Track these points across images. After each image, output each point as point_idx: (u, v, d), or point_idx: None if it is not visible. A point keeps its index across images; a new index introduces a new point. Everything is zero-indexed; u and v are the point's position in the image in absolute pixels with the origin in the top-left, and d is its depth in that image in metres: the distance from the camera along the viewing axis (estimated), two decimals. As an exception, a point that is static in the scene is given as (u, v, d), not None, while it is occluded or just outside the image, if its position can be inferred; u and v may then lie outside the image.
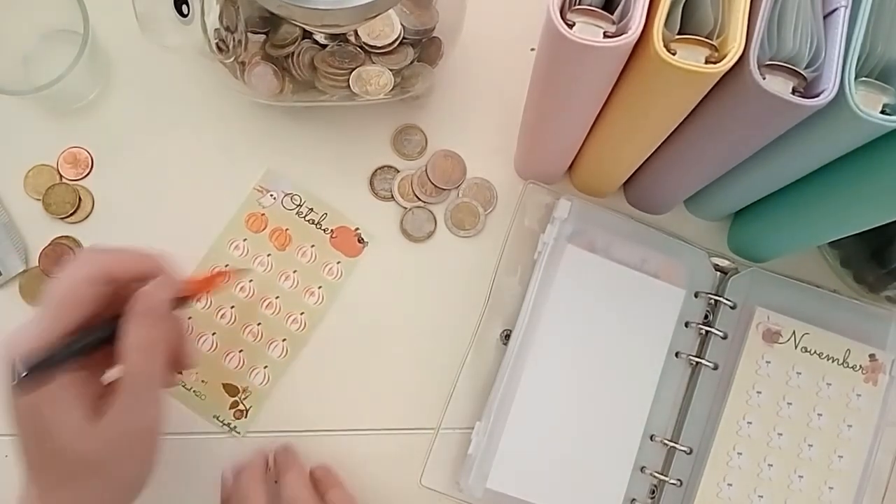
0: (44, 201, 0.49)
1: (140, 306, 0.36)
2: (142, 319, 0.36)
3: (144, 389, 0.36)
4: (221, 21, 0.43)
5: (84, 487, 0.35)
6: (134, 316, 0.35)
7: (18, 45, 0.49)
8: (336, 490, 0.44)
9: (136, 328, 0.35)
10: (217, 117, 0.51)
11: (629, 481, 0.47)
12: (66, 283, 0.35)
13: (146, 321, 0.36)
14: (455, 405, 0.48)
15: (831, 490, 0.47)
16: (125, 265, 0.37)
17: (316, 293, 0.49)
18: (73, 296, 0.35)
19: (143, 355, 0.35)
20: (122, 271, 0.37)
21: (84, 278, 0.35)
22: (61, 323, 0.34)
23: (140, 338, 0.35)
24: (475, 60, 0.52)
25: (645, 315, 0.48)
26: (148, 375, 0.36)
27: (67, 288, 0.35)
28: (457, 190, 0.51)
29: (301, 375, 0.49)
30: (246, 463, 0.44)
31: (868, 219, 0.40)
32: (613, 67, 0.35)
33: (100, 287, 0.35)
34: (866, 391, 0.48)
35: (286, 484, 0.43)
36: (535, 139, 0.45)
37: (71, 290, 0.35)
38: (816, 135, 0.36)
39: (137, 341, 0.35)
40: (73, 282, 0.35)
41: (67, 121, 0.50)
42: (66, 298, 0.35)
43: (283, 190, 0.50)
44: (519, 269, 0.50)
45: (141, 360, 0.35)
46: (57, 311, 0.35)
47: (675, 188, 0.48)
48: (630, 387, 0.48)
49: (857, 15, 0.33)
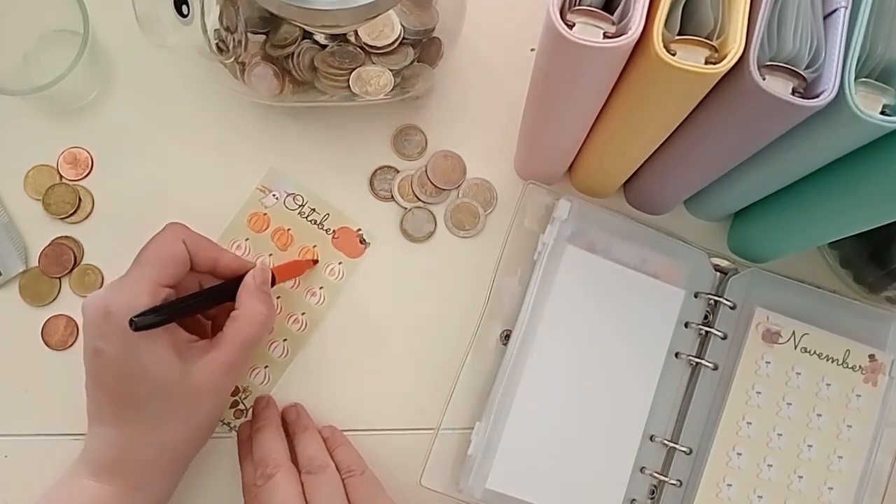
0: (44, 201, 0.49)
1: (259, 281, 0.43)
2: (261, 295, 0.43)
3: (246, 352, 0.42)
4: (221, 21, 0.43)
5: (167, 419, 0.40)
6: (254, 290, 0.42)
7: (18, 45, 0.49)
8: (343, 448, 0.46)
9: (256, 301, 0.42)
10: (217, 117, 0.51)
11: (629, 482, 0.47)
12: (165, 241, 0.41)
13: (265, 297, 0.43)
14: (455, 405, 0.48)
15: (831, 490, 0.47)
16: (209, 245, 0.44)
17: (317, 293, 0.49)
18: (172, 252, 0.41)
19: (256, 327, 0.42)
20: (205, 248, 0.43)
21: (180, 239, 0.42)
22: (163, 274, 0.40)
23: (255, 311, 0.42)
24: (475, 60, 0.52)
25: (645, 315, 0.48)
26: (252, 343, 0.42)
27: (167, 244, 0.41)
28: (457, 190, 0.51)
29: (301, 375, 0.49)
30: (263, 421, 0.46)
31: (868, 219, 0.40)
32: (613, 68, 0.35)
33: (188, 251, 0.42)
34: (866, 392, 0.48)
35: (303, 443, 0.45)
36: (535, 139, 0.45)
37: (171, 246, 0.41)
38: (816, 135, 0.36)
39: (253, 313, 0.42)
40: (173, 240, 0.41)
41: (67, 121, 0.50)
42: (167, 253, 0.41)
43: (286, 190, 0.50)
44: (519, 269, 0.50)
45: (252, 330, 0.42)
46: (156, 264, 0.40)
47: (675, 189, 0.48)
48: (630, 387, 0.48)
49: (857, 15, 0.33)
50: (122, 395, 0.40)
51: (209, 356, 0.40)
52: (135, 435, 0.40)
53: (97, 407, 0.41)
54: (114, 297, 0.39)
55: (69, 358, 0.47)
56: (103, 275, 0.48)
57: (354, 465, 0.44)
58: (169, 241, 0.41)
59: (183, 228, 0.43)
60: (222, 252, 0.44)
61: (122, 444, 0.40)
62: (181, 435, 0.41)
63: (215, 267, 0.43)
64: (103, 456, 0.40)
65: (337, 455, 0.45)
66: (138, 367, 0.39)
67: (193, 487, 0.47)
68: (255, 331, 0.42)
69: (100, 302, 0.39)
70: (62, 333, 0.48)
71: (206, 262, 0.43)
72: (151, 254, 0.41)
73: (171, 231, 0.42)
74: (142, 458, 0.40)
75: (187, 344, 0.41)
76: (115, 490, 0.40)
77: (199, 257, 0.42)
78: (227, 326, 0.42)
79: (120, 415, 0.40)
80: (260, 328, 0.42)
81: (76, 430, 0.47)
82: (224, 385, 0.42)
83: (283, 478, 0.42)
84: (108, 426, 0.40)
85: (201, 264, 0.43)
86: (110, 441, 0.40)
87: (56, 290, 0.48)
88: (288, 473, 0.42)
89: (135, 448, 0.40)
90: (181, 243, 0.41)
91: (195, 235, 0.43)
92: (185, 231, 0.42)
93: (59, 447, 0.46)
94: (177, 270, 0.41)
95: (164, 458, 0.41)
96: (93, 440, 0.41)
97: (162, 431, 0.40)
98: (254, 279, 0.43)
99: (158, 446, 0.41)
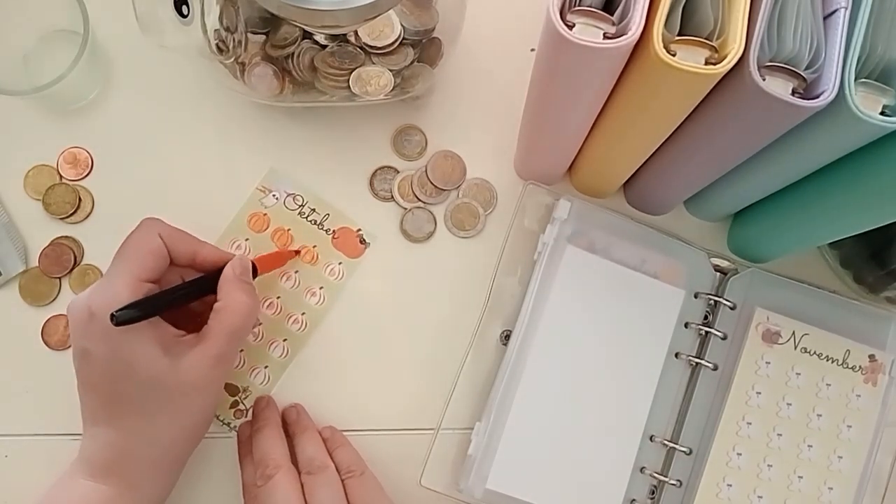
0: (44, 201, 0.49)
1: (239, 272, 0.42)
2: (242, 285, 0.42)
3: (233, 344, 0.42)
4: (221, 21, 0.43)
5: (158, 416, 0.40)
6: (234, 280, 0.42)
7: (18, 45, 0.49)
8: (343, 448, 0.46)
9: (237, 292, 0.42)
10: (217, 118, 0.51)
11: (629, 482, 0.47)
12: (141, 236, 0.41)
13: (246, 287, 0.42)
14: (455, 405, 0.48)
15: (831, 490, 0.47)
16: (186, 238, 0.43)
17: (317, 293, 0.49)
18: (148, 246, 0.41)
19: (240, 317, 0.41)
20: (182, 241, 0.43)
21: (156, 233, 0.41)
22: (142, 269, 0.40)
23: (238, 301, 0.41)
24: (475, 60, 0.52)
25: (645, 316, 0.48)
26: (239, 333, 0.42)
27: (143, 239, 0.41)
28: (457, 190, 0.51)
29: (301, 375, 0.49)
30: (263, 421, 0.46)
31: (868, 220, 0.40)
32: (613, 68, 0.35)
33: (165, 245, 0.41)
34: (866, 392, 0.48)
35: (302, 443, 0.45)
36: (535, 139, 0.45)
37: (146, 241, 0.41)
38: (816, 136, 0.36)
39: (236, 303, 0.41)
40: (148, 234, 0.41)
41: (67, 121, 0.50)
42: (143, 248, 0.41)
43: (286, 190, 0.50)
44: (519, 269, 0.50)
45: (236, 319, 0.41)
46: (134, 260, 0.40)
47: (675, 189, 0.48)
48: (630, 387, 0.48)
49: (857, 16, 0.33)
50: (112, 395, 0.40)
51: (196, 350, 0.40)
52: (128, 433, 0.40)
53: (89, 408, 0.41)
54: (95, 297, 0.39)
55: (69, 358, 0.47)
56: (103, 275, 0.48)
57: (354, 466, 0.44)
58: (144, 235, 0.41)
59: (158, 223, 0.42)
60: (201, 244, 0.44)
61: (116, 444, 0.40)
62: (174, 431, 0.41)
63: (195, 260, 0.43)
64: (98, 456, 0.40)
65: (337, 456, 0.45)
66: (125, 365, 0.39)
67: (193, 487, 0.47)
68: (239, 321, 0.41)
69: (83, 303, 0.39)
70: (62, 333, 0.48)
71: (184, 255, 0.43)
72: (128, 250, 0.41)
73: (146, 226, 0.42)
74: (136, 457, 0.40)
75: (174, 339, 0.41)
76: (112, 490, 0.40)
77: (178, 251, 0.42)
78: (212, 319, 0.41)
79: (112, 414, 0.40)
80: (244, 318, 0.42)
81: (76, 430, 0.46)
82: (213, 378, 0.42)
83: (283, 478, 0.42)
84: (101, 426, 0.40)
85: (180, 258, 0.43)
86: (104, 441, 0.40)
87: (56, 290, 0.48)
88: (287, 474, 0.42)
89: (128, 447, 0.40)
90: (157, 237, 0.41)
91: (171, 229, 0.42)
92: (160, 225, 0.42)
93: (59, 447, 0.46)
94: (155, 264, 0.41)
95: (159, 455, 0.41)
96: (88, 441, 0.41)
97: (154, 429, 0.40)
98: (233, 270, 0.42)
99: (152, 444, 0.41)
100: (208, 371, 0.41)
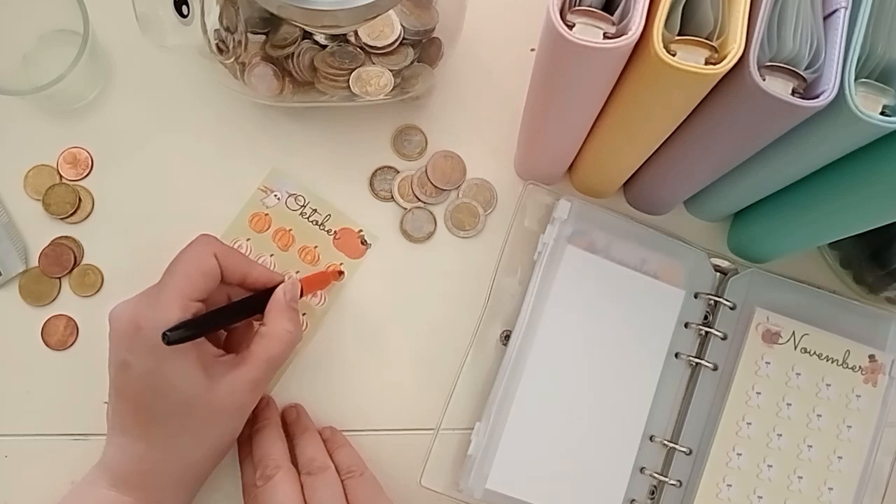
0: (44, 201, 0.49)
1: (289, 297, 0.43)
2: (290, 312, 0.42)
3: (271, 371, 0.42)
4: (221, 21, 0.43)
5: (188, 436, 0.40)
6: (284, 308, 0.42)
7: (18, 45, 0.49)
8: (343, 449, 0.46)
9: (284, 319, 0.42)
10: (217, 118, 0.51)
11: (629, 482, 0.47)
12: (197, 255, 0.41)
13: (293, 315, 0.43)
14: (455, 405, 0.48)
15: (831, 491, 0.47)
16: (240, 258, 0.43)
17: (317, 294, 0.49)
18: (203, 266, 0.40)
19: (284, 345, 0.41)
20: (235, 261, 0.42)
21: (212, 253, 0.41)
22: (195, 289, 0.40)
23: (284, 329, 0.42)
24: (475, 60, 0.52)
25: (644, 316, 0.48)
26: (279, 361, 0.42)
27: (199, 259, 0.41)
28: (457, 190, 0.51)
29: (301, 375, 0.49)
30: (263, 421, 0.46)
31: (868, 220, 0.40)
32: (613, 68, 0.35)
33: (220, 265, 0.41)
34: (866, 392, 0.48)
35: (302, 444, 0.45)
36: (535, 139, 0.45)
37: (202, 261, 0.41)
38: (816, 136, 0.36)
39: (282, 331, 0.41)
40: (205, 254, 0.41)
41: (67, 121, 0.50)
42: (198, 268, 0.40)
43: (287, 190, 0.50)
44: (519, 269, 0.50)
45: (280, 348, 0.41)
46: (188, 278, 0.40)
47: (675, 189, 0.48)
48: (630, 387, 0.48)
49: (857, 16, 0.33)
50: (146, 409, 0.40)
51: (235, 373, 0.40)
52: (156, 449, 0.40)
53: (120, 417, 0.40)
54: (144, 311, 0.39)
55: (69, 358, 0.48)
56: (103, 275, 0.48)
57: (354, 466, 0.44)
58: (201, 255, 0.41)
59: (214, 241, 0.42)
60: (252, 265, 0.44)
61: (143, 457, 0.40)
62: (202, 451, 0.41)
63: (245, 280, 0.43)
64: (123, 467, 0.40)
65: (337, 456, 0.45)
66: (165, 383, 0.39)
67: (193, 487, 0.47)
68: (283, 349, 0.41)
69: (130, 315, 0.39)
70: (62, 333, 0.48)
71: (236, 275, 0.42)
72: (183, 268, 0.40)
73: (203, 244, 0.42)
74: (161, 472, 0.40)
75: (213, 359, 0.41)
76: (133, 502, 0.40)
77: (230, 271, 0.42)
78: (255, 343, 0.41)
79: (143, 427, 0.40)
80: (288, 346, 0.42)
81: (76, 431, 0.47)
82: (247, 403, 0.42)
83: (283, 479, 0.42)
84: (129, 437, 0.40)
85: (231, 278, 0.42)
86: (130, 452, 0.40)
87: (56, 290, 0.48)
88: (287, 474, 0.42)
89: (155, 462, 0.40)
90: (213, 257, 0.41)
91: (226, 248, 0.42)
92: (216, 244, 0.42)
93: (59, 447, 0.46)
94: (207, 285, 0.41)
95: (183, 472, 0.41)
96: (113, 449, 0.41)
97: (183, 446, 0.40)
98: (284, 295, 0.42)
99: (179, 461, 0.41)
100: (243, 396, 0.41)
